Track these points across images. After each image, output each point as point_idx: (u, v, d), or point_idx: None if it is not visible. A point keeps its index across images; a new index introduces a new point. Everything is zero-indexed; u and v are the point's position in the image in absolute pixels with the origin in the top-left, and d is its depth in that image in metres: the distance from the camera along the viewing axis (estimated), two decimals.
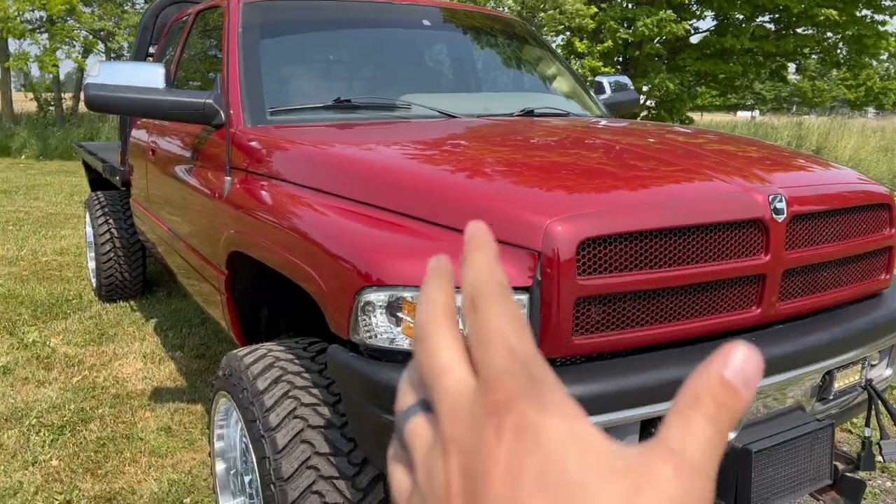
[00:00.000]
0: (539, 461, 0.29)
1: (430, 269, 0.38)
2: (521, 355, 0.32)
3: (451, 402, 0.33)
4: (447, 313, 0.36)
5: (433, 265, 0.38)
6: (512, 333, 0.33)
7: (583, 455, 0.29)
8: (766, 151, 2.26)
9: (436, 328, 0.36)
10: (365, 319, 1.64)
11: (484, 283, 0.35)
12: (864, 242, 2.04)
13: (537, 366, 0.32)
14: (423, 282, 0.38)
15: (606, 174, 1.86)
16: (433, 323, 0.36)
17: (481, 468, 0.30)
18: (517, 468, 0.29)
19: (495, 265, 0.36)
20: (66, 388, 3.81)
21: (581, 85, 3.51)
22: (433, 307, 0.36)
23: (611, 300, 1.62)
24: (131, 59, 4.46)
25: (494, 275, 0.36)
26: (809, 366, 1.82)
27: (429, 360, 0.35)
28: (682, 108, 15.84)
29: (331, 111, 2.63)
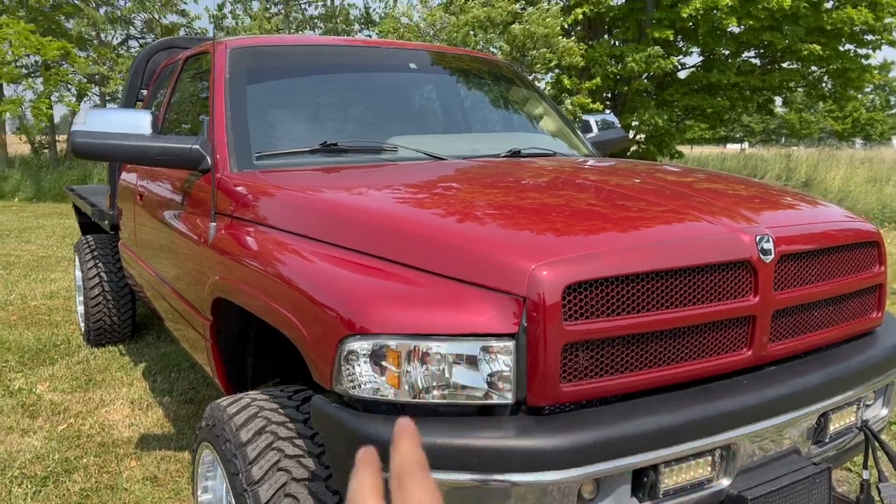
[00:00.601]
0: None
1: (360, 459, 0.49)
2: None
3: None
4: (374, 491, 0.46)
5: (362, 455, 0.49)
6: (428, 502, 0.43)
7: None
8: (753, 190, 2.26)
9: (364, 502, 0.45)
10: (348, 369, 1.60)
11: (408, 464, 0.46)
12: (854, 280, 2.02)
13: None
14: (354, 469, 0.48)
15: (593, 216, 1.84)
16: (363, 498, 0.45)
17: None
18: None
19: (418, 450, 0.48)
20: (51, 436, 3.73)
21: (568, 124, 3.53)
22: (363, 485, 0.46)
23: (599, 345, 1.59)
24: (122, 103, 4.47)
25: (417, 457, 0.47)
26: (804, 408, 1.79)
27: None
28: (672, 143, 15.97)
29: (317, 155, 2.62)
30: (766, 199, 2.13)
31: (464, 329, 1.54)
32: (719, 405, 1.66)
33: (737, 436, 1.68)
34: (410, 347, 1.55)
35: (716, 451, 1.67)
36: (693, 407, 1.64)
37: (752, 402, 1.69)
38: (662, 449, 1.58)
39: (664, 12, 14.18)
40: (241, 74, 2.84)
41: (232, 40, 3.09)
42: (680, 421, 1.61)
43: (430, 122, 3.16)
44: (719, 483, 1.70)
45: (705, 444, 1.63)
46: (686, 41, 16.24)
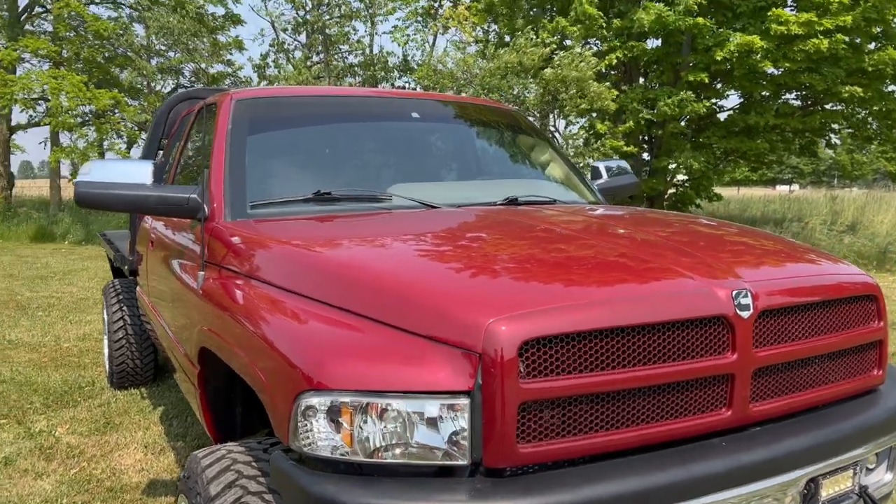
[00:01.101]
0: None
1: None
2: None
3: None
4: None
5: None
6: None
7: None
8: (743, 240, 2.19)
9: None
10: (305, 425, 1.58)
11: None
12: (850, 337, 1.93)
13: None
14: None
15: (562, 268, 1.80)
16: None
17: None
18: None
19: None
20: (63, 480, 3.77)
21: (574, 171, 3.50)
22: None
23: (560, 404, 1.54)
24: (143, 152, 4.61)
25: None
26: (788, 473, 1.69)
27: None
28: (709, 186, 15.74)
29: (311, 203, 2.65)
30: (753, 250, 2.06)
31: (418, 386, 1.51)
32: (692, 469, 1.58)
33: (711, 502, 1.59)
34: (364, 404, 1.52)
35: None
36: (663, 470, 1.56)
37: (727, 465, 1.61)
38: None
39: (699, 56, 14.13)
40: (243, 125, 2.90)
41: (238, 92, 3.17)
42: (648, 485, 1.53)
43: (430, 171, 3.17)
44: None
45: None
46: (724, 83, 16.13)
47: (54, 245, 16.05)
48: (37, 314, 7.98)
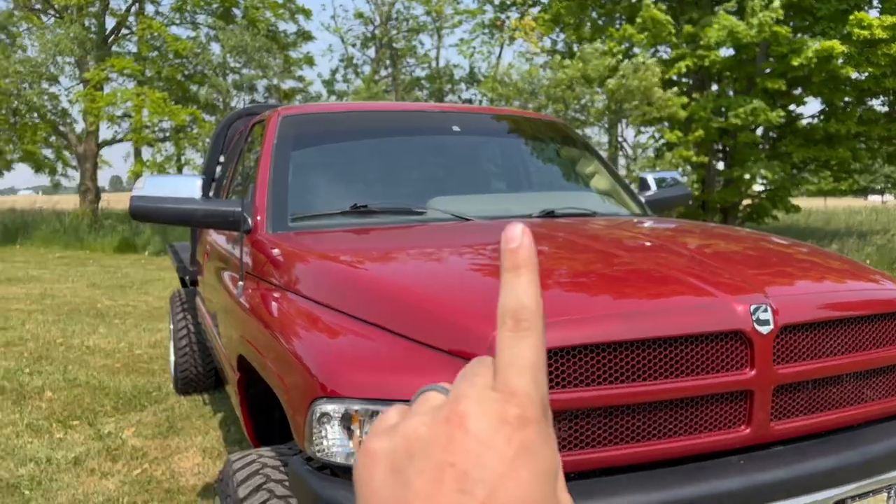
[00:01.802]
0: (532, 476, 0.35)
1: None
2: (541, 390, 0.37)
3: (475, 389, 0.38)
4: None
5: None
6: (539, 369, 0.38)
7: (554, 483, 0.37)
8: (777, 254, 2.12)
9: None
10: (319, 431, 1.63)
11: (530, 309, 0.39)
12: (883, 355, 1.85)
13: (548, 404, 0.38)
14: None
15: (580, 281, 1.80)
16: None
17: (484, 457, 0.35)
18: (515, 475, 0.35)
19: (538, 290, 0.39)
20: (126, 480, 3.96)
21: (620, 183, 3.46)
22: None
23: (573, 418, 1.54)
24: (203, 168, 4.81)
25: (538, 303, 0.39)
26: (810, 494, 1.63)
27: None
28: (785, 197, 15.16)
29: (349, 216, 2.72)
30: (784, 264, 2.00)
31: None
32: (702, 487, 1.55)
33: None
34: (373, 412, 1.56)
35: None
36: (673, 487, 1.54)
37: (740, 484, 1.57)
38: None
39: (775, 63, 13.67)
40: (288, 140, 3.01)
41: (286, 108, 3.29)
42: (657, 501, 1.51)
43: (469, 184, 3.20)
44: None
45: None
46: (803, 90, 15.55)
47: (135, 255, 16.85)
48: (113, 322, 8.40)
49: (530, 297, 0.38)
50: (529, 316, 0.38)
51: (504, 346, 0.38)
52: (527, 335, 0.38)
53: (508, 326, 0.38)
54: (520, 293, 0.38)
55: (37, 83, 17.94)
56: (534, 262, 0.39)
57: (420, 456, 0.37)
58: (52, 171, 21.53)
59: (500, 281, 0.39)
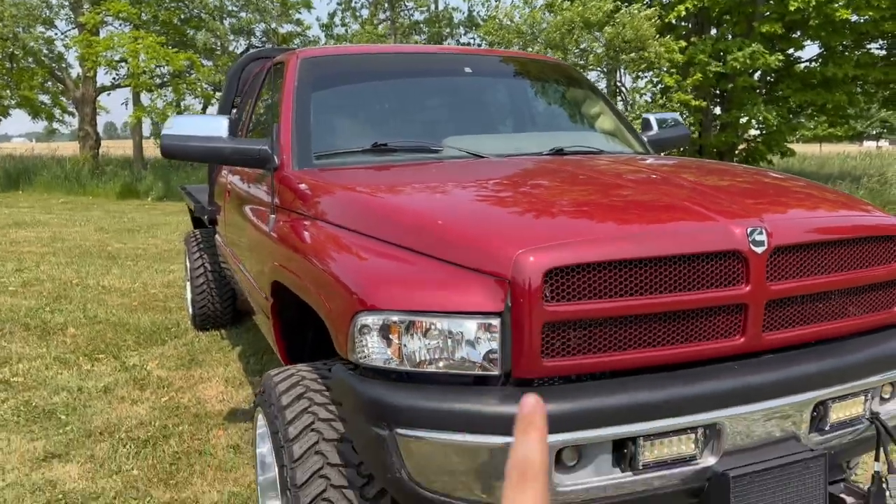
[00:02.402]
0: None
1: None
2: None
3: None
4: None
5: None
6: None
7: None
8: (771, 184, 2.30)
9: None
10: (361, 341, 1.83)
11: (534, 466, 0.45)
12: (866, 275, 2.04)
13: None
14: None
15: (588, 208, 1.99)
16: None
17: None
18: None
19: (545, 448, 0.46)
20: (155, 406, 4.21)
21: (624, 123, 3.61)
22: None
23: (581, 326, 1.74)
24: (218, 109, 4.94)
25: (543, 460, 0.45)
26: (794, 395, 1.85)
27: None
28: (781, 140, 15.24)
29: (370, 154, 2.88)
30: (778, 192, 2.18)
31: (456, 307, 1.73)
32: (702, 386, 1.77)
33: (720, 417, 1.77)
34: (410, 322, 1.76)
35: (698, 429, 1.77)
36: (675, 386, 1.75)
37: (735, 385, 1.78)
38: (640, 423, 1.70)
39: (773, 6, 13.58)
40: (308, 82, 3.14)
41: (304, 51, 3.41)
42: (659, 398, 1.73)
43: (482, 123, 3.35)
44: (704, 461, 1.80)
45: (686, 421, 1.74)
46: (801, 33, 15.47)
47: (138, 201, 16.96)
48: (126, 263, 8.60)
49: (536, 454, 0.45)
50: (533, 470, 0.44)
51: (508, 498, 0.43)
52: (529, 486, 0.43)
53: (513, 480, 0.43)
54: (528, 450, 0.44)
55: (32, 27, 17.74)
56: (543, 427, 0.45)
57: None
58: (49, 116, 21.43)
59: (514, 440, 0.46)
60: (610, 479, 1.73)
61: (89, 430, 3.85)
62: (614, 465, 1.75)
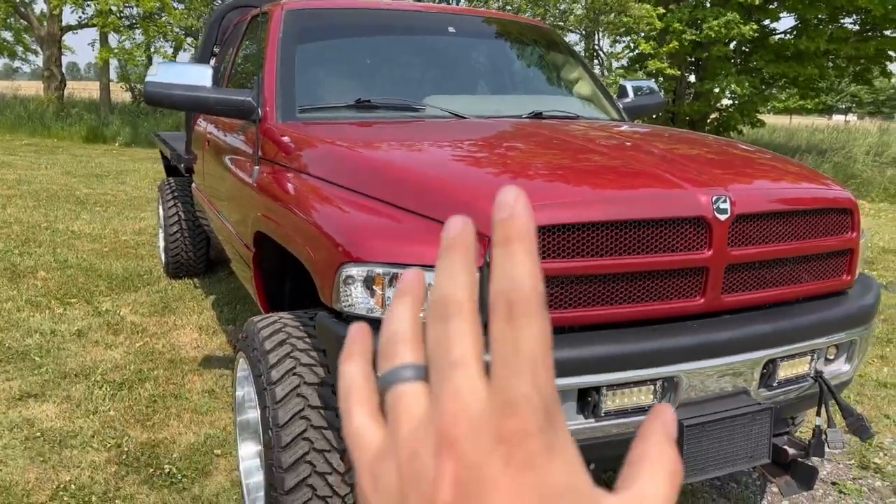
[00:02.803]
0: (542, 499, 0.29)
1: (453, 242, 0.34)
2: (543, 390, 0.30)
3: (461, 402, 0.30)
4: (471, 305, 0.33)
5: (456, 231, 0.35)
6: (541, 364, 0.30)
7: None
8: (738, 155, 2.43)
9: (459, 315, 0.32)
10: (345, 290, 1.93)
11: (525, 292, 0.31)
12: (820, 244, 2.19)
13: (554, 405, 0.31)
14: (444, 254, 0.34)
15: (564, 171, 2.09)
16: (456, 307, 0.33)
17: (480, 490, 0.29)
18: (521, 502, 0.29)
19: (538, 270, 0.32)
20: (130, 351, 4.27)
21: (601, 89, 3.70)
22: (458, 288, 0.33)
23: (557, 283, 1.85)
24: (196, 58, 4.90)
25: (537, 284, 0.31)
26: (746, 353, 2.00)
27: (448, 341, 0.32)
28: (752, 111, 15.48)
29: (353, 110, 2.93)
30: (744, 164, 2.30)
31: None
32: (662, 342, 1.90)
33: (678, 370, 1.92)
34: (393, 274, 1.86)
35: (658, 381, 1.92)
36: (637, 341, 1.89)
37: (693, 342, 1.92)
38: (604, 374, 1.84)
39: None
40: (293, 34, 3.16)
41: (289, 2, 3.42)
42: (622, 351, 1.86)
43: (465, 83, 3.42)
44: None
45: (646, 374, 1.88)
46: (779, 5, 15.61)
47: (105, 146, 16.62)
48: (95, 209, 8.51)
49: (526, 277, 0.31)
50: (526, 300, 0.31)
51: (497, 339, 0.31)
52: (524, 324, 0.30)
53: (501, 315, 0.31)
54: (514, 273, 0.31)
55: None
56: (530, 235, 0.32)
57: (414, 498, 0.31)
58: (11, 54, 20.74)
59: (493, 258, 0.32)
60: (574, 424, 1.87)
61: (64, 372, 3.91)
62: (578, 412, 1.88)
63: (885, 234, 8.91)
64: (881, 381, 4.25)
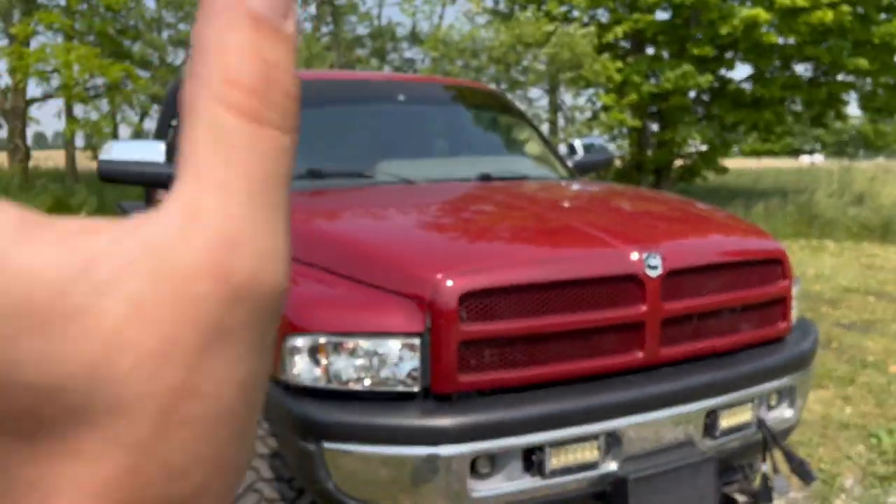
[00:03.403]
0: None
1: None
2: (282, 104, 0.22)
3: None
4: None
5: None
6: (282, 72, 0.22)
7: None
8: (669, 210, 2.53)
9: None
10: (290, 361, 1.95)
11: None
12: (754, 294, 2.27)
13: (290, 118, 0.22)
14: None
15: (504, 234, 2.17)
16: None
17: None
18: None
19: None
20: None
21: (550, 148, 3.83)
22: None
23: (494, 344, 1.90)
24: (155, 132, 4.98)
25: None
26: (687, 404, 2.05)
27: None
28: (715, 158, 15.93)
29: (304, 179, 3.00)
30: (674, 218, 2.40)
31: (380, 328, 1.88)
32: (604, 397, 1.95)
33: (620, 425, 1.96)
34: (337, 343, 1.89)
35: (601, 437, 1.95)
36: (579, 398, 1.93)
37: (634, 396, 1.97)
38: (547, 432, 1.87)
39: (704, 29, 14.25)
40: None
41: None
42: (564, 409, 1.90)
43: (414, 148, 3.51)
44: (606, 466, 1.98)
45: (589, 430, 1.92)
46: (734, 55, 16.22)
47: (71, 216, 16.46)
48: None
49: None
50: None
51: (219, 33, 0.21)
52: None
53: None
54: None
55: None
56: None
57: None
58: None
59: None
60: (521, 484, 1.89)
61: None
62: (524, 471, 1.91)
63: (847, 273, 9.10)
64: (843, 422, 4.31)
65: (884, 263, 9.99)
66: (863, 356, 5.58)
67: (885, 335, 6.22)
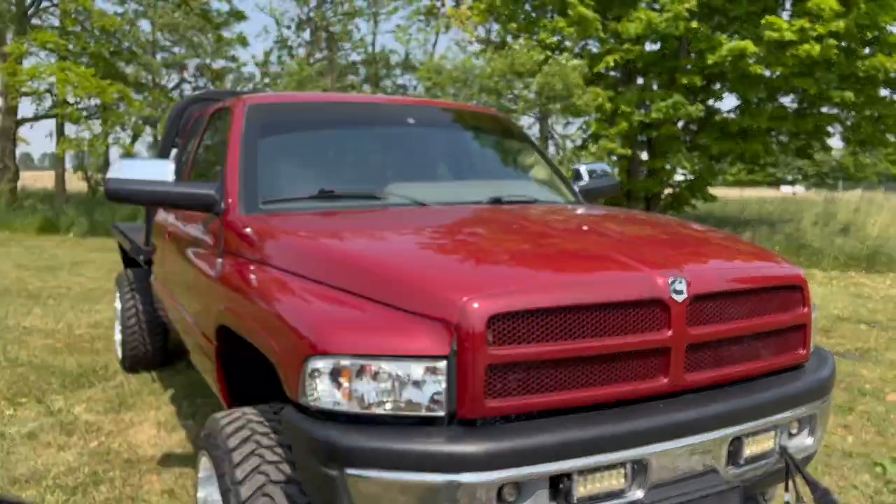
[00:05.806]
0: None
1: None
2: None
3: None
4: None
5: None
6: None
7: None
8: (691, 236, 2.52)
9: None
10: (311, 384, 1.91)
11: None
12: (775, 321, 2.25)
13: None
14: None
15: (528, 257, 2.14)
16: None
17: None
18: None
19: None
20: (84, 452, 4.10)
21: (557, 173, 3.83)
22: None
23: (521, 368, 1.87)
24: (158, 151, 4.94)
25: None
26: (712, 432, 2.02)
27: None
28: (703, 187, 16.07)
29: (316, 200, 2.97)
30: (697, 244, 2.39)
31: (404, 351, 1.84)
32: (631, 424, 1.91)
33: (647, 452, 1.92)
34: (361, 366, 1.85)
35: (627, 464, 1.92)
36: (606, 424, 1.90)
37: (661, 423, 1.94)
38: (574, 459, 1.83)
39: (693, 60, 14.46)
40: (255, 128, 3.23)
41: (250, 97, 3.50)
42: (591, 435, 1.86)
43: (425, 171, 3.50)
44: (633, 494, 1.94)
45: (616, 457, 1.88)
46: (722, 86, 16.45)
47: (60, 237, 16.36)
48: (48, 303, 8.31)
49: None
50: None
51: None
52: None
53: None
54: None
55: None
56: None
57: None
58: None
59: None
60: None
61: (14, 478, 3.72)
62: (551, 499, 1.86)
63: (838, 302, 9.15)
64: (846, 451, 4.28)
65: (871, 293, 10.07)
66: (860, 385, 5.59)
67: (880, 364, 6.23)
